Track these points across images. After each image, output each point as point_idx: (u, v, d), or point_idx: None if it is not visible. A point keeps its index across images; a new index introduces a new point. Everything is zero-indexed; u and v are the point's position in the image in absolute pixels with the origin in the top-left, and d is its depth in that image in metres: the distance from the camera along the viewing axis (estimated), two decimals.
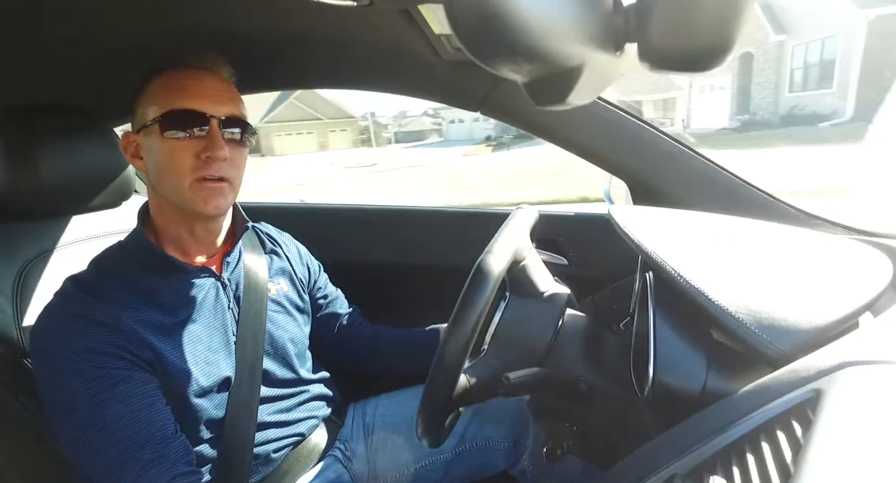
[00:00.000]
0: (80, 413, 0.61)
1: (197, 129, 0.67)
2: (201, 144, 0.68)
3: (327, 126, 36.62)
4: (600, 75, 0.32)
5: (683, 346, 0.50)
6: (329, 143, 36.05)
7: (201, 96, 0.68)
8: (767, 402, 0.35)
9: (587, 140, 0.88)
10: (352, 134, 38.09)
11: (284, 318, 0.83)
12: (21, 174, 0.78)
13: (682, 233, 0.62)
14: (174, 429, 0.65)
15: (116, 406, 0.61)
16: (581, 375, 0.62)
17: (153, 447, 0.61)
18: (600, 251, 1.14)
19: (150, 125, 0.68)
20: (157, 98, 0.68)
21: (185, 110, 0.67)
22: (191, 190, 0.68)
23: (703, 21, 0.27)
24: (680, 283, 0.48)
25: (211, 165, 0.68)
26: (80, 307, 0.65)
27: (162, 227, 0.75)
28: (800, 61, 14.55)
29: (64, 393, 0.61)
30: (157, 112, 0.67)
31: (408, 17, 0.67)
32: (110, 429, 0.60)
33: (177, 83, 0.68)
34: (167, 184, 0.69)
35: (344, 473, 0.84)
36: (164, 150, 0.68)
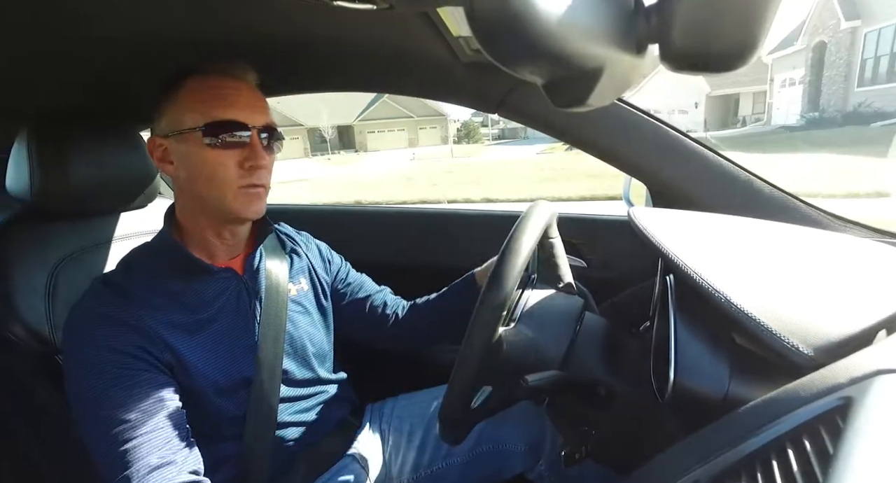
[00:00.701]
0: (97, 411, 0.62)
1: (239, 139, 0.70)
2: (244, 154, 0.70)
3: (417, 123, 38.23)
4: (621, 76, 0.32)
5: (705, 350, 0.49)
6: (419, 140, 37.55)
7: (241, 106, 0.70)
8: (794, 408, 0.34)
9: (606, 142, 0.87)
10: (441, 131, 39.51)
11: (304, 319, 0.85)
12: (54, 177, 0.80)
13: (703, 235, 0.61)
14: (186, 435, 0.66)
15: (131, 407, 0.62)
16: (600, 379, 0.61)
17: (161, 452, 0.62)
18: (619, 254, 1.13)
19: (186, 132, 0.69)
20: (195, 106, 0.69)
21: (228, 121, 0.69)
22: (234, 197, 0.71)
23: (726, 20, 0.26)
24: (701, 286, 0.47)
25: (254, 174, 0.71)
26: (108, 307, 0.67)
27: (189, 230, 0.76)
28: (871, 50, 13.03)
29: (85, 389, 0.64)
30: (198, 121, 0.68)
31: (426, 20, 0.67)
32: (122, 429, 0.62)
33: (214, 92, 0.70)
34: (208, 190, 0.71)
35: (361, 474, 0.84)
36: (207, 158, 0.69)
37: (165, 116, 0.71)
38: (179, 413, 0.67)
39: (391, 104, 35.60)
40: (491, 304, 0.54)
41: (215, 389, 0.71)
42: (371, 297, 0.97)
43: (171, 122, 0.71)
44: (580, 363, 0.63)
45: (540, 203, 0.68)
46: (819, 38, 15.12)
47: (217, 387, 0.71)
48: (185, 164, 0.71)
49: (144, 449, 0.61)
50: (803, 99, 16.26)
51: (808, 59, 15.92)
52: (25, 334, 0.78)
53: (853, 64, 13.90)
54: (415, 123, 38.48)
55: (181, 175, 0.72)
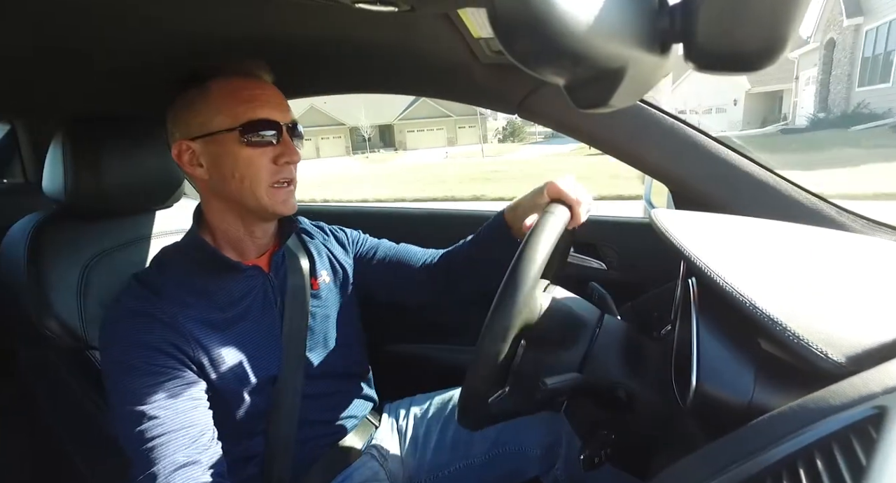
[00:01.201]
0: (127, 406, 0.64)
1: (273, 137, 0.72)
2: (276, 151, 0.72)
3: (456, 122, 39.18)
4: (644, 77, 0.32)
5: (729, 355, 0.48)
6: (458, 139, 38.50)
7: (271, 106, 0.72)
8: (822, 417, 0.33)
9: (627, 143, 0.86)
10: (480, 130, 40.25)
11: (327, 314, 0.86)
12: (86, 178, 0.83)
13: (727, 238, 0.60)
14: (212, 436, 0.67)
15: (161, 404, 0.64)
16: (619, 382, 0.61)
17: (188, 451, 0.63)
18: (639, 256, 1.11)
19: (218, 134, 0.71)
20: (225, 107, 0.70)
21: (262, 120, 0.71)
22: (268, 194, 0.73)
23: (753, 18, 0.26)
24: (725, 290, 0.46)
25: (285, 169, 0.73)
26: (143, 304, 0.69)
27: (220, 229, 0.78)
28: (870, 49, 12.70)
29: (117, 384, 0.65)
30: (231, 122, 0.70)
31: (447, 21, 0.68)
32: (151, 425, 0.63)
33: (244, 93, 0.71)
34: (242, 190, 0.72)
35: (380, 471, 0.85)
36: (243, 157, 0.71)
37: (192, 120, 0.72)
38: (207, 412, 0.68)
39: (430, 104, 36.18)
40: (504, 313, 0.54)
41: (242, 386, 0.73)
42: (398, 252, 0.95)
43: (199, 124, 0.72)
44: (599, 366, 0.62)
45: (557, 207, 0.68)
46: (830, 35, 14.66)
47: (243, 384, 0.73)
48: (216, 164, 0.72)
49: (172, 446, 0.63)
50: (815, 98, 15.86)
51: (820, 57, 15.48)
52: (59, 329, 0.81)
53: (855, 62, 13.53)
54: (453, 122, 39.24)
55: (212, 176, 0.73)
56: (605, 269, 1.14)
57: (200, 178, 0.75)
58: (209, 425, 0.68)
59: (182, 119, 0.73)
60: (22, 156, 1.18)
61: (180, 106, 0.74)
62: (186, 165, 0.74)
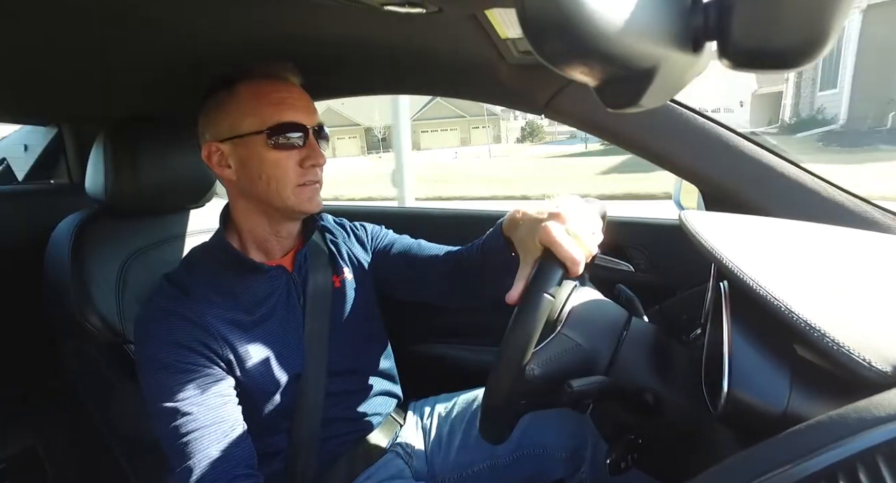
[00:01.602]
0: (162, 402, 0.67)
1: (299, 140, 0.73)
2: (302, 153, 0.74)
3: (470, 123, 39.75)
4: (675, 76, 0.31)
5: (763, 361, 0.47)
6: (471, 139, 39.03)
7: (297, 108, 0.73)
8: (865, 428, 0.32)
9: (656, 143, 0.84)
10: (494, 130, 41.07)
11: (349, 311, 0.87)
12: (125, 179, 0.87)
13: (761, 240, 0.58)
14: (242, 430, 0.69)
15: (192, 400, 0.67)
16: (647, 386, 0.60)
17: (220, 445, 0.66)
18: (668, 258, 1.09)
19: (247, 136, 0.72)
20: (253, 110, 0.72)
21: (289, 123, 0.72)
22: (294, 194, 0.74)
23: (793, 13, 0.25)
24: (759, 294, 0.45)
25: (311, 172, 0.75)
26: (173, 304, 0.71)
27: (246, 228, 0.80)
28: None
29: (151, 381, 0.68)
30: (259, 125, 0.72)
31: (474, 22, 0.68)
32: (185, 421, 0.66)
33: (272, 96, 0.73)
34: (268, 190, 0.74)
35: (405, 469, 0.86)
36: (270, 159, 0.72)
37: (222, 122, 0.74)
38: (237, 408, 0.71)
39: (444, 104, 36.73)
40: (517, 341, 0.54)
41: (266, 384, 0.75)
42: (415, 247, 0.93)
43: (229, 127, 0.74)
44: (627, 369, 0.61)
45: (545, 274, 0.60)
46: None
47: (268, 381, 0.75)
48: (244, 166, 0.74)
49: (205, 441, 0.65)
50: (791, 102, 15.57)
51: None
52: (100, 324, 0.84)
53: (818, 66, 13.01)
54: (467, 123, 39.63)
55: (240, 177, 0.75)
56: (633, 271, 1.12)
57: (228, 179, 0.77)
58: (239, 420, 0.70)
59: (212, 121, 0.76)
60: (67, 157, 1.24)
61: (210, 108, 0.76)
62: (215, 166, 0.76)
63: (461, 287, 0.87)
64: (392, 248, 0.93)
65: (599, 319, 0.65)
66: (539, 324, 0.54)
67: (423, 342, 1.33)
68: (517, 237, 0.68)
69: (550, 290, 0.55)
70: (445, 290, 0.88)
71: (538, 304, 0.54)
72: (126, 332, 0.86)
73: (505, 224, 0.74)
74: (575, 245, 0.58)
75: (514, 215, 0.71)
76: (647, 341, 0.64)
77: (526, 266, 0.62)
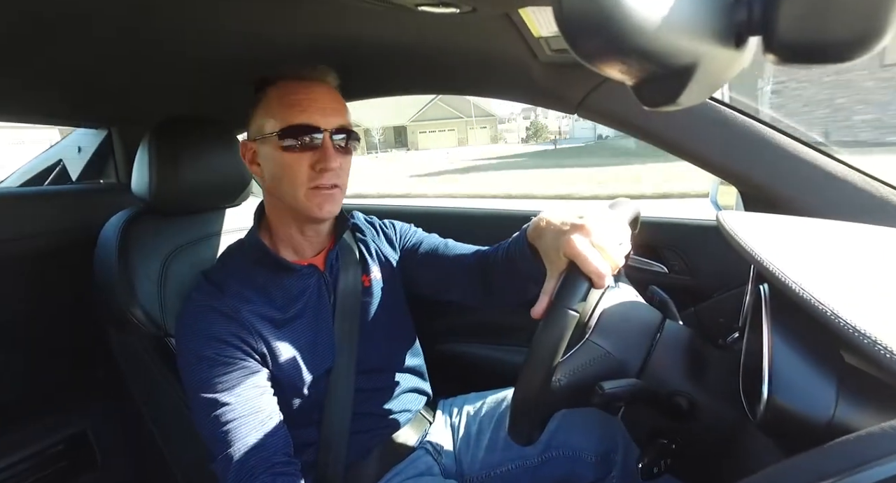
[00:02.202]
0: (201, 393, 0.70)
1: (311, 142, 0.73)
2: (315, 156, 0.74)
3: (468, 124, 40.52)
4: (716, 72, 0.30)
5: (807, 367, 0.45)
6: (468, 140, 39.71)
7: (313, 110, 0.74)
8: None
9: (693, 142, 0.82)
10: (491, 131, 42.03)
11: (378, 310, 0.88)
12: (167, 179, 0.91)
13: (804, 241, 0.56)
14: (279, 420, 0.71)
15: (230, 391, 0.69)
16: (680, 390, 0.58)
17: (258, 434, 0.68)
18: (703, 260, 1.06)
19: (267, 137, 0.75)
20: (274, 111, 0.74)
21: (300, 126, 0.73)
22: (306, 197, 0.75)
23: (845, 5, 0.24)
24: (802, 298, 0.43)
25: (324, 175, 0.74)
26: (210, 300, 0.74)
27: (276, 228, 0.82)
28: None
29: (191, 373, 0.71)
30: (275, 126, 0.74)
31: (507, 21, 0.68)
32: (223, 411, 0.68)
33: (290, 97, 0.74)
34: (284, 191, 0.76)
35: (434, 466, 0.86)
36: (282, 161, 0.74)
37: (254, 122, 0.78)
38: (272, 398, 0.73)
39: (442, 106, 37.20)
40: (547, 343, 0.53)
41: (297, 378, 0.77)
42: (442, 247, 0.92)
43: (258, 126, 0.77)
44: (659, 372, 0.60)
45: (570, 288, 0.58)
46: None
47: (299, 376, 0.77)
48: (268, 165, 0.77)
49: (243, 430, 0.68)
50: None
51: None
52: (143, 317, 0.88)
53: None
54: (465, 124, 40.15)
55: (266, 176, 0.79)
56: (667, 272, 1.09)
57: (261, 177, 0.81)
58: (275, 410, 0.72)
59: (250, 121, 0.79)
60: (115, 159, 1.30)
61: (250, 108, 0.79)
62: (249, 164, 0.81)
63: (486, 290, 0.86)
64: (420, 247, 0.93)
65: (631, 324, 0.64)
66: (563, 341, 0.53)
67: (452, 341, 1.34)
68: (542, 247, 0.66)
69: (575, 304, 0.54)
70: (471, 292, 0.88)
71: (562, 320, 0.53)
72: (167, 325, 0.90)
73: (529, 232, 0.71)
74: (600, 258, 0.56)
75: (538, 224, 0.68)
76: (681, 345, 0.63)
77: (551, 279, 0.61)
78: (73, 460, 1.14)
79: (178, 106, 1.10)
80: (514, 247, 0.77)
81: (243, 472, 0.66)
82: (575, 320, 0.54)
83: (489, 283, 0.85)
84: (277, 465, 0.68)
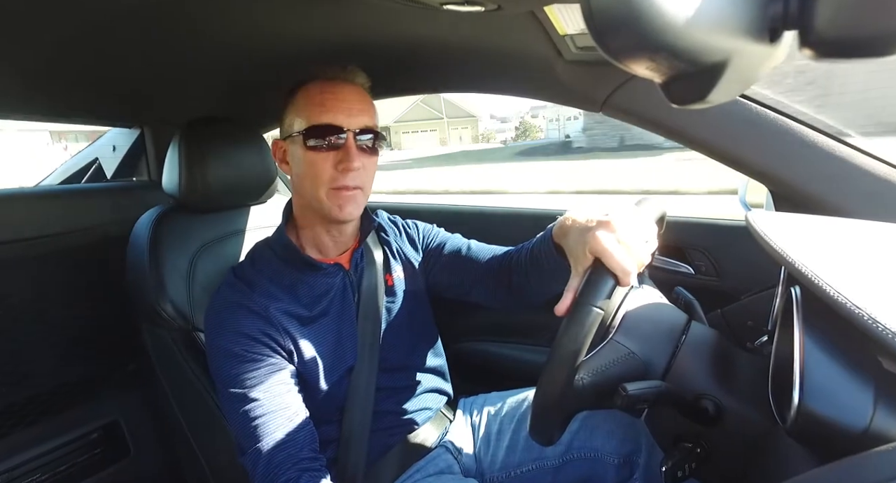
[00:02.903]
0: (229, 388, 0.71)
1: (334, 142, 0.74)
2: (338, 156, 0.75)
3: (450, 124, 41.47)
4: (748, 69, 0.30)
5: (841, 373, 0.43)
6: (449, 140, 40.65)
7: (338, 110, 0.75)
8: None
9: (723, 140, 0.79)
10: (472, 131, 43.03)
11: (400, 309, 0.89)
12: (196, 177, 0.93)
13: (838, 242, 0.54)
14: (305, 416, 0.73)
15: (258, 387, 0.71)
16: (706, 393, 0.57)
17: (285, 429, 0.69)
18: (730, 261, 1.03)
19: (295, 136, 0.76)
20: (301, 111, 0.76)
21: (324, 125, 0.74)
22: (327, 197, 0.76)
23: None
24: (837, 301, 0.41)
25: (346, 175, 0.75)
26: (240, 297, 0.76)
27: (303, 227, 0.84)
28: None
29: (220, 369, 0.73)
30: (302, 125, 0.75)
31: (532, 19, 0.67)
32: (251, 406, 0.70)
33: (317, 97, 0.76)
34: (307, 190, 0.78)
35: (454, 464, 0.87)
36: (306, 160, 0.75)
37: (284, 121, 0.80)
38: (298, 395, 0.74)
39: (423, 106, 38.20)
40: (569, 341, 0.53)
41: (320, 375, 0.78)
42: (466, 248, 0.93)
43: (287, 126, 0.79)
44: (685, 375, 0.59)
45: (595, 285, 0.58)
46: None
47: (322, 373, 0.78)
48: (295, 164, 0.79)
49: (271, 425, 0.69)
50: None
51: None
52: (172, 311, 0.91)
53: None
54: (446, 124, 41.14)
55: (293, 174, 0.80)
56: (693, 273, 1.07)
57: (288, 175, 0.82)
58: (302, 406, 0.74)
59: (281, 120, 0.81)
60: (147, 157, 1.35)
61: (281, 108, 0.81)
62: (280, 162, 0.83)
63: (509, 292, 0.86)
64: (443, 248, 0.94)
65: (656, 324, 0.63)
66: (587, 338, 0.53)
67: (474, 339, 1.34)
68: (567, 245, 0.66)
69: (600, 302, 0.53)
70: (494, 293, 0.88)
71: (586, 317, 0.53)
72: (195, 320, 0.92)
73: (555, 230, 0.73)
74: (626, 255, 0.55)
75: (563, 222, 0.69)
76: (707, 347, 0.62)
77: (576, 276, 0.61)
78: (107, 448, 1.19)
79: (208, 106, 1.12)
80: (540, 246, 0.77)
81: (271, 467, 0.68)
82: (599, 318, 0.53)
83: (512, 284, 0.85)
84: (304, 460, 0.69)
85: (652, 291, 0.68)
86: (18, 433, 1.08)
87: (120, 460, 1.19)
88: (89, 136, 18.11)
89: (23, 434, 1.08)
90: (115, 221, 1.13)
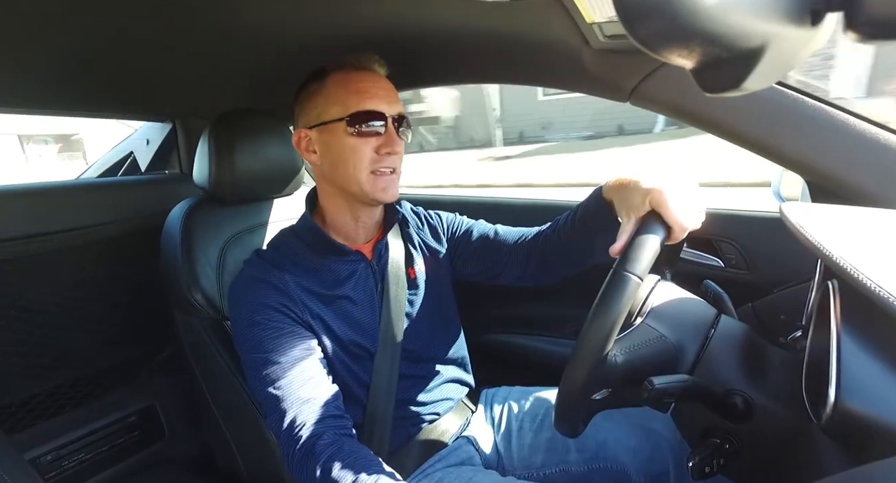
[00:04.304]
0: (254, 354, 0.74)
1: (378, 127, 0.76)
2: (380, 141, 0.77)
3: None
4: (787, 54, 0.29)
5: (880, 370, 0.42)
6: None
7: (379, 97, 0.77)
8: None
9: (757, 130, 0.76)
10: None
11: (423, 301, 0.89)
12: (226, 169, 0.95)
13: (878, 235, 0.52)
14: (327, 376, 0.75)
15: (281, 352, 0.73)
16: (736, 389, 0.56)
17: (308, 387, 0.71)
18: (761, 253, 1.00)
19: (330, 123, 0.77)
20: (338, 98, 0.77)
21: (368, 111, 0.76)
22: (368, 181, 0.78)
23: None
24: (878, 295, 0.40)
25: (387, 159, 0.77)
26: (261, 273, 0.79)
27: (330, 213, 0.85)
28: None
29: (243, 337, 0.76)
30: (342, 112, 0.76)
31: (559, 7, 0.66)
32: (275, 369, 0.72)
33: (356, 85, 0.77)
34: (346, 175, 0.78)
35: (475, 456, 0.87)
36: (348, 146, 0.77)
37: (311, 110, 0.80)
38: (320, 360, 0.76)
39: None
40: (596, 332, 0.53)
41: (343, 352, 0.80)
42: (493, 232, 0.93)
43: (317, 114, 0.79)
44: (713, 369, 0.58)
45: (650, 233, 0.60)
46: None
47: (344, 350, 0.80)
48: (327, 151, 0.80)
49: (295, 385, 0.71)
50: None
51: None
52: (203, 300, 0.94)
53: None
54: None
55: (324, 162, 0.81)
56: (723, 266, 1.04)
57: (314, 164, 0.83)
58: (323, 370, 0.75)
59: (304, 109, 0.82)
60: (179, 150, 1.38)
61: (304, 98, 0.82)
62: (303, 151, 0.83)
63: (543, 267, 0.88)
64: (470, 233, 0.94)
65: (684, 315, 0.62)
66: (625, 306, 0.53)
67: (497, 330, 1.34)
68: (622, 198, 0.68)
69: (639, 271, 0.54)
70: (525, 267, 0.89)
71: (626, 285, 0.53)
72: (225, 309, 0.95)
73: (608, 186, 0.75)
74: (684, 211, 0.59)
75: (619, 180, 0.72)
76: (737, 341, 0.60)
77: (630, 222, 0.64)
78: (144, 431, 1.24)
79: (237, 99, 1.15)
80: (586, 206, 0.80)
81: (295, 423, 0.69)
82: (637, 288, 0.54)
83: (548, 256, 0.87)
84: (329, 417, 0.70)
85: (677, 289, 0.67)
86: (67, 414, 1.14)
87: (156, 442, 1.24)
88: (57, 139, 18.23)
89: (70, 415, 1.14)
90: (150, 213, 1.17)
